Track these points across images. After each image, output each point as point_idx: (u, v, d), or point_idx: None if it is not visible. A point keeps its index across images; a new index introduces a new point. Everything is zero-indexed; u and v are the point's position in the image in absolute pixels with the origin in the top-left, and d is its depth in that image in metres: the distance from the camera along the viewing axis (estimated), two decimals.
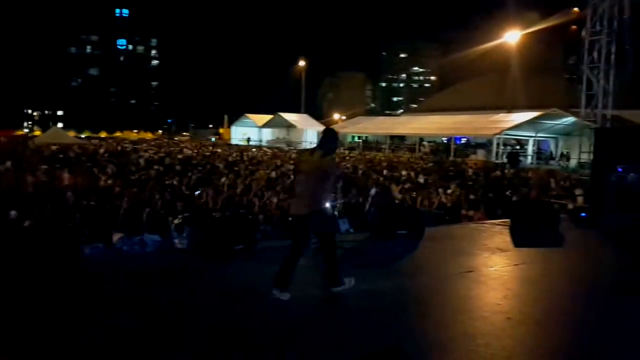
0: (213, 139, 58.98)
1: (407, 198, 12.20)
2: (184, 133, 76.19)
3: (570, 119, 30.75)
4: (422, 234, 7.75)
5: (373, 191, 10.39)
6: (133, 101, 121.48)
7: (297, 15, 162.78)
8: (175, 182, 11.59)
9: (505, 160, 29.73)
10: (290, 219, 5.56)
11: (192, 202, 9.39)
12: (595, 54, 11.62)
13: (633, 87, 11.32)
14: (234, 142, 53.64)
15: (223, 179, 12.41)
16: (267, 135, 56.55)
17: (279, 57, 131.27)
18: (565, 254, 7.58)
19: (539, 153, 36.34)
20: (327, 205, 5.00)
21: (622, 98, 11.83)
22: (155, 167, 15.55)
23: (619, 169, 8.86)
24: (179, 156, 21.04)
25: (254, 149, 36.54)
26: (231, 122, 61.99)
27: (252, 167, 17.85)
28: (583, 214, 9.99)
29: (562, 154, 34.19)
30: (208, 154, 24.35)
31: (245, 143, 51.75)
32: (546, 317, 4.78)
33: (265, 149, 38.58)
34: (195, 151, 26.26)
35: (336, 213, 9.46)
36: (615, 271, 6.75)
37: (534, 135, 35.93)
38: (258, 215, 8.85)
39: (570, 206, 11.00)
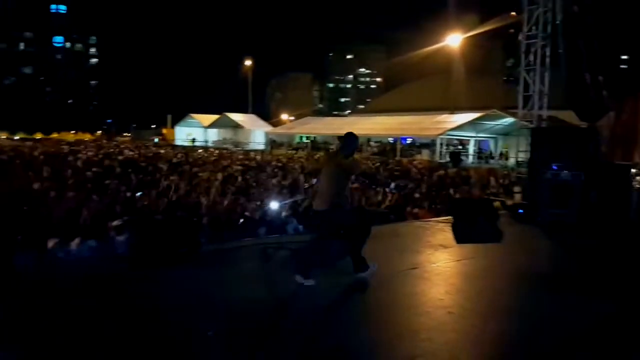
0: (156, 140, 57.39)
1: (355, 198, 12.30)
2: (125, 134, 73.59)
3: (509, 120, 32.09)
4: (369, 233, 7.79)
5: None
6: (70, 101, 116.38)
7: (244, 14, 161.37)
8: (115, 185, 11.15)
9: (448, 159, 30.68)
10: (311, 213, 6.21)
11: (133, 205, 9.06)
12: (531, 57, 12.12)
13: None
14: (178, 142, 52.46)
15: (166, 181, 12.06)
16: (213, 135, 55.70)
17: (224, 56, 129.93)
18: (504, 249, 7.86)
19: (480, 152, 37.73)
20: (345, 201, 5.65)
21: (557, 99, 12.38)
22: (94, 169, 14.92)
23: (554, 167, 9.28)
24: (119, 158, 20.30)
25: (200, 150, 35.84)
26: (175, 122, 60.60)
27: (197, 168, 17.47)
28: (520, 210, 10.43)
29: (501, 153, 35.67)
30: (150, 155, 23.64)
31: (190, 144, 50.71)
32: (487, 311, 4.93)
33: (211, 149, 37.93)
34: (137, 152, 25.44)
35: (284, 214, 9.46)
36: (551, 264, 7.08)
37: (475, 135, 37.28)
38: (203, 218, 8.66)
39: (509, 203, 11.43)
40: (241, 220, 8.79)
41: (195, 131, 56.03)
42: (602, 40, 11.61)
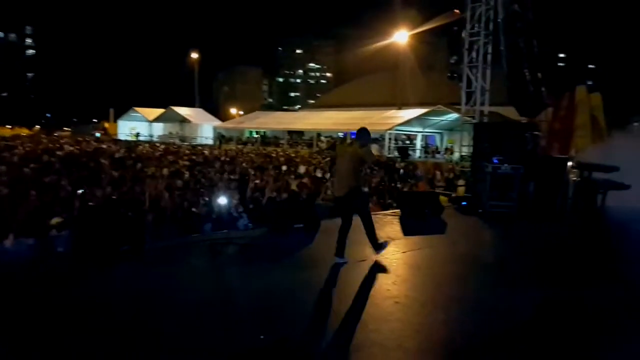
0: (98, 135, 55.27)
1: (305, 192, 12.30)
2: (65, 128, 70.30)
3: (454, 115, 33.00)
4: (318, 227, 7.85)
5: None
6: (5, 94, 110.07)
7: (190, 5, 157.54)
8: (54, 181, 10.65)
9: (396, 154, 31.23)
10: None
11: (73, 203, 8.67)
12: (474, 54, 12.51)
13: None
14: (121, 137, 50.70)
15: (107, 177, 11.64)
16: (159, 130, 54.18)
17: (170, 48, 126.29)
18: (448, 240, 8.11)
19: (426, 147, 38.64)
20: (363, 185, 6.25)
21: (499, 95, 12.84)
22: (32, 165, 14.19)
23: (495, 160, 9.63)
24: (59, 153, 19.39)
25: (146, 144, 34.81)
26: (118, 116, 58.46)
27: (141, 164, 16.96)
28: (464, 203, 10.77)
29: (446, 148, 36.64)
30: (91, 150, 22.70)
31: (134, 138, 49.17)
32: (432, 300, 5.07)
33: (157, 144, 36.92)
34: (77, 148, 24.37)
35: (239, 210, 9.33)
36: (493, 254, 7.35)
37: (422, 130, 38.14)
38: (147, 215, 8.41)
39: (453, 195, 11.77)
40: (188, 217, 8.62)
41: (139, 125, 54.30)
42: (541, 38, 12.13)
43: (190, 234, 7.99)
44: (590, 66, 68.12)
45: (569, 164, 9.63)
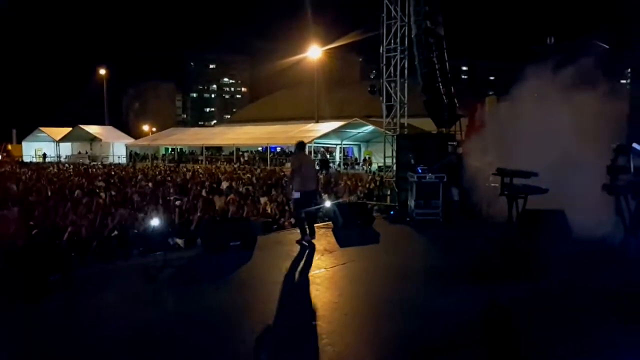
0: None
1: (232, 209, 12.09)
2: None
3: (370, 127, 34.14)
4: (255, 244, 7.76)
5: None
6: None
7: (97, 19, 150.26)
8: None
9: (317, 166, 31.66)
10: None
11: None
12: (391, 69, 13.05)
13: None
14: (26, 159, 47.15)
15: (16, 206, 10.72)
16: (67, 150, 50.98)
17: (75, 65, 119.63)
18: (382, 249, 8.34)
19: (345, 159, 39.54)
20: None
21: (413, 107, 13.44)
22: None
23: (419, 170, 10.07)
24: None
25: (58, 166, 32.58)
26: (21, 138, 54.29)
27: (52, 187, 15.86)
28: (392, 212, 11.13)
29: (364, 159, 37.69)
30: None
31: (40, 160, 45.90)
32: (376, 309, 5.19)
33: (66, 165, 34.70)
34: None
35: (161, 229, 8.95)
36: (427, 260, 7.57)
37: (339, 143, 38.96)
38: (65, 242, 7.85)
39: (380, 206, 12.13)
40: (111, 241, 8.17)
41: (45, 146, 50.82)
42: (454, 50, 12.91)
43: (118, 258, 7.59)
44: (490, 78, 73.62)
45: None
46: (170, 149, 46.89)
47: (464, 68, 75.46)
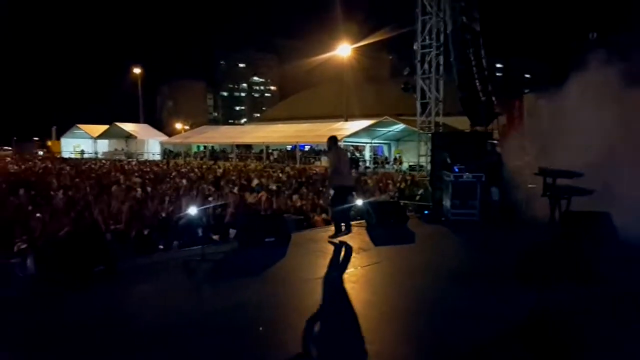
0: (40, 153, 52.60)
1: (264, 206, 12.13)
2: (5, 147, 66.39)
3: (401, 126, 33.83)
4: (289, 240, 7.76)
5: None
6: None
7: (132, 21, 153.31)
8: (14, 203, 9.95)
9: None
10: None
11: (28, 224, 8.11)
12: (426, 66, 12.86)
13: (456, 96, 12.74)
14: (65, 155, 48.53)
15: (62, 197, 11.03)
16: (103, 146, 52.29)
17: (111, 64, 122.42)
18: (418, 249, 8.21)
19: (375, 158, 39.29)
20: None
21: (446, 106, 13.22)
22: None
23: (456, 169, 9.88)
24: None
25: (97, 162, 33.44)
26: (60, 134, 55.99)
27: (90, 181, 16.24)
28: (426, 212, 10.96)
29: (395, 158, 37.38)
30: (39, 170, 21.49)
31: (78, 156, 47.17)
32: (413, 309, 5.10)
33: (103, 161, 35.58)
34: (22, 166, 23.07)
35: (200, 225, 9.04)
36: (465, 261, 7.42)
37: (369, 141, 38.72)
38: (107, 234, 8.01)
39: (413, 205, 11.97)
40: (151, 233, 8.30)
41: (83, 142, 52.27)
42: (489, 48, 12.64)
43: (156, 251, 7.70)
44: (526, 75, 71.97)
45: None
46: (202, 147, 47.53)
47: (499, 65, 74.05)
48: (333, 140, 8.71)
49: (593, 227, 7.21)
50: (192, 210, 7.72)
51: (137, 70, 56.82)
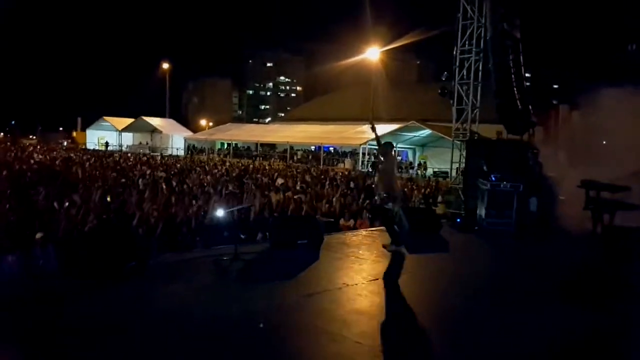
0: (65, 144, 53.50)
1: (292, 206, 11.95)
2: (31, 136, 67.66)
3: (427, 131, 33.44)
4: (321, 243, 7.59)
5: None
6: None
7: (161, 15, 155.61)
8: (37, 194, 9.96)
9: (369, 169, 31.28)
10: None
11: (54, 215, 8.05)
12: (464, 71, 12.57)
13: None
14: (90, 147, 49.26)
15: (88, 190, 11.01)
16: (128, 140, 52.87)
17: (139, 58, 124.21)
18: (452, 257, 7.97)
19: (400, 162, 38.92)
20: None
21: (480, 113, 12.91)
22: (4, 172, 13.41)
23: (493, 178, 9.59)
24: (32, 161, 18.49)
25: (120, 155, 33.85)
26: (86, 126, 56.85)
27: (117, 174, 16.34)
28: (458, 220, 10.68)
29: (419, 164, 36.98)
30: (61, 160, 21.75)
31: (102, 148, 47.83)
32: (450, 320, 4.93)
33: (128, 154, 35.97)
34: (47, 156, 23.38)
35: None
36: (500, 273, 7.17)
37: (394, 146, 38.36)
38: (137, 229, 7.94)
39: (445, 212, 11.70)
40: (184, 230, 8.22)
41: (108, 135, 52.91)
42: (529, 57, 12.30)
43: (186, 249, 7.60)
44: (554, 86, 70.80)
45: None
46: (225, 144, 47.73)
47: (527, 75, 72.87)
48: (389, 145, 8.26)
49: (636, 245, 6.90)
50: (220, 209, 7.62)
51: (165, 66, 57.39)
